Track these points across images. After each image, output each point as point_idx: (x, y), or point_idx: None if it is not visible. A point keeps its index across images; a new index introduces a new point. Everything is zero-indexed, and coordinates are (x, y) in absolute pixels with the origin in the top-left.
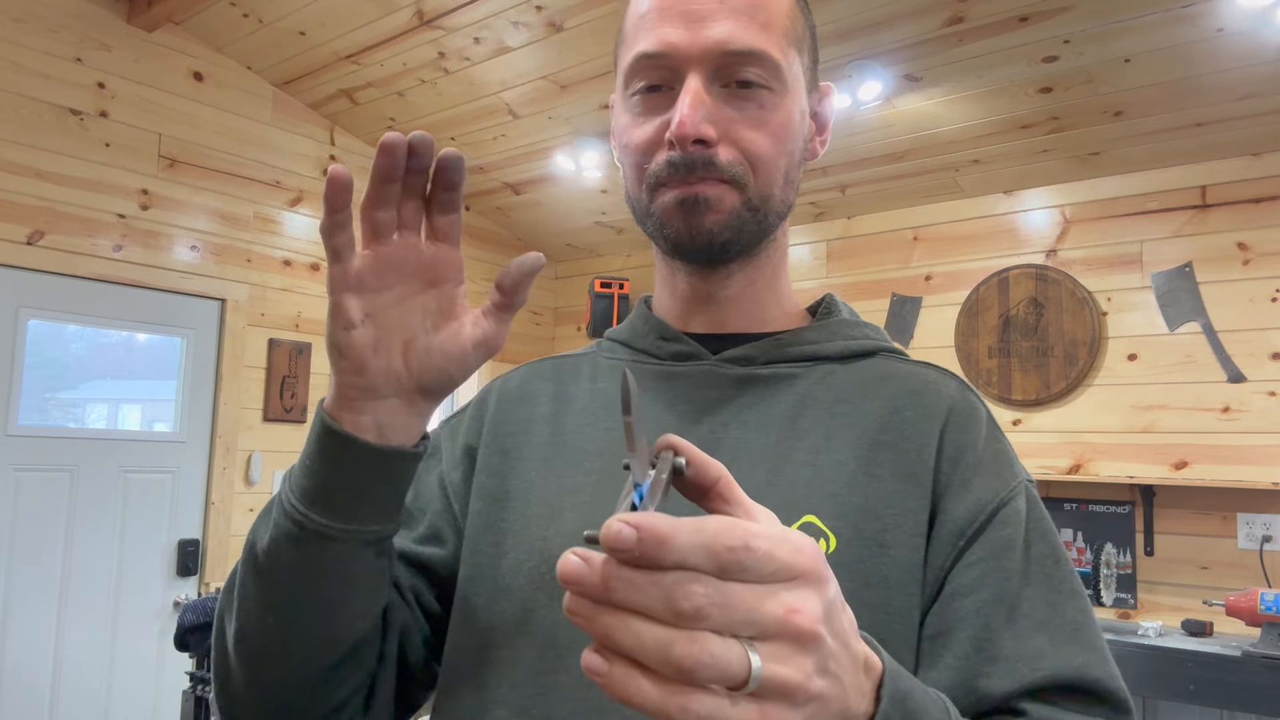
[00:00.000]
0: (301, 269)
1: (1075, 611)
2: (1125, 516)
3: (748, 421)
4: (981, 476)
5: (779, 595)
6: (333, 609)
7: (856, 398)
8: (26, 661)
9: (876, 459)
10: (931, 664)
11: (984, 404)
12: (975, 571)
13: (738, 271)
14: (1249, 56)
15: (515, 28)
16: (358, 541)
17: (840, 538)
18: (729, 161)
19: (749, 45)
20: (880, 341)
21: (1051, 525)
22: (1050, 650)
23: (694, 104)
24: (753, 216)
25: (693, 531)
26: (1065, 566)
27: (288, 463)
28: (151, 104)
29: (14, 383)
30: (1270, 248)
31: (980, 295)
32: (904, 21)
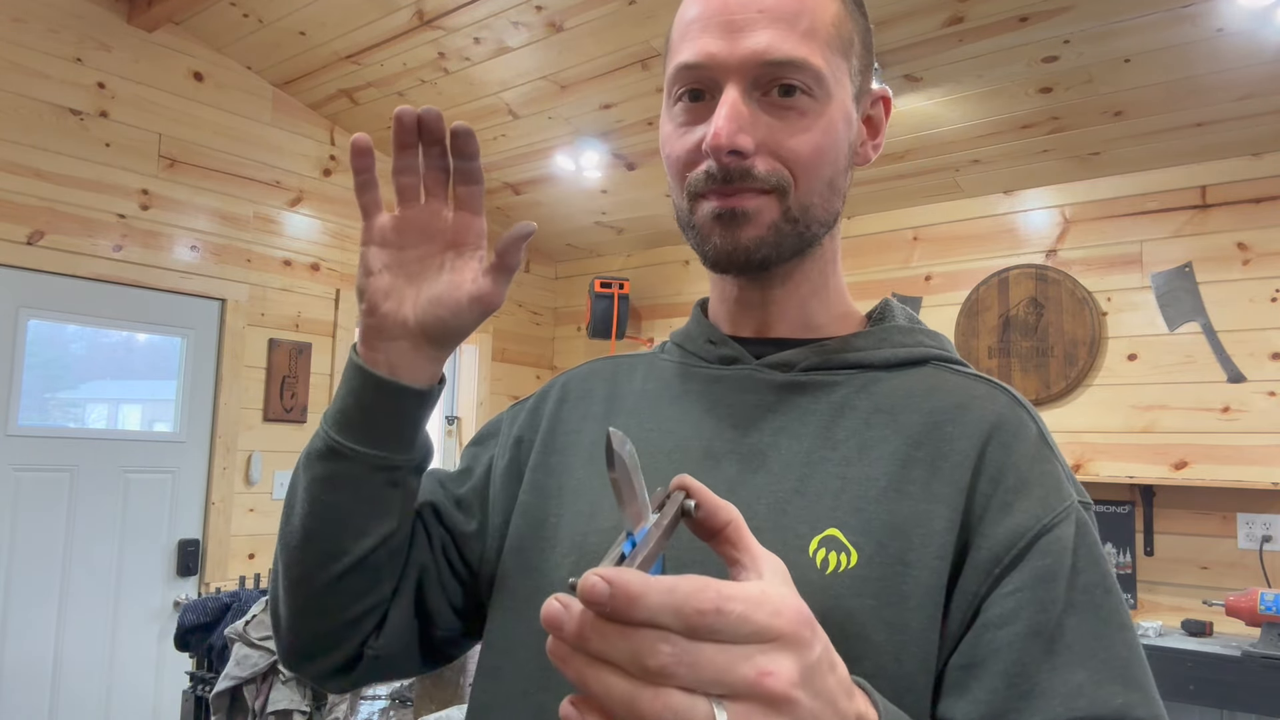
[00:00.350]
0: (302, 269)
1: (1122, 646)
2: (1125, 516)
3: (783, 428)
4: (1024, 499)
5: (753, 658)
6: (340, 521)
7: (897, 408)
8: (26, 661)
9: (909, 474)
10: (960, 695)
11: (1037, 421)
12: (1011, 602)
13: (782, 278)
14: (1249, 56)
15: (515, 28)
16: (366, 463)
17: (862, 553)
18: (768, 172)
19: (788, 55)
20: (933, 349)
21: (1103, 553)
22: (1090, 688)
23: (730, 115)
24: (792, 229)
25: (664, 592)
26: (1115, 598)
27: (288, 463)
28: (151, 104)
29: (14, 383)
30: (1270, 248)
31: (980, 295)
32: (904, 21)
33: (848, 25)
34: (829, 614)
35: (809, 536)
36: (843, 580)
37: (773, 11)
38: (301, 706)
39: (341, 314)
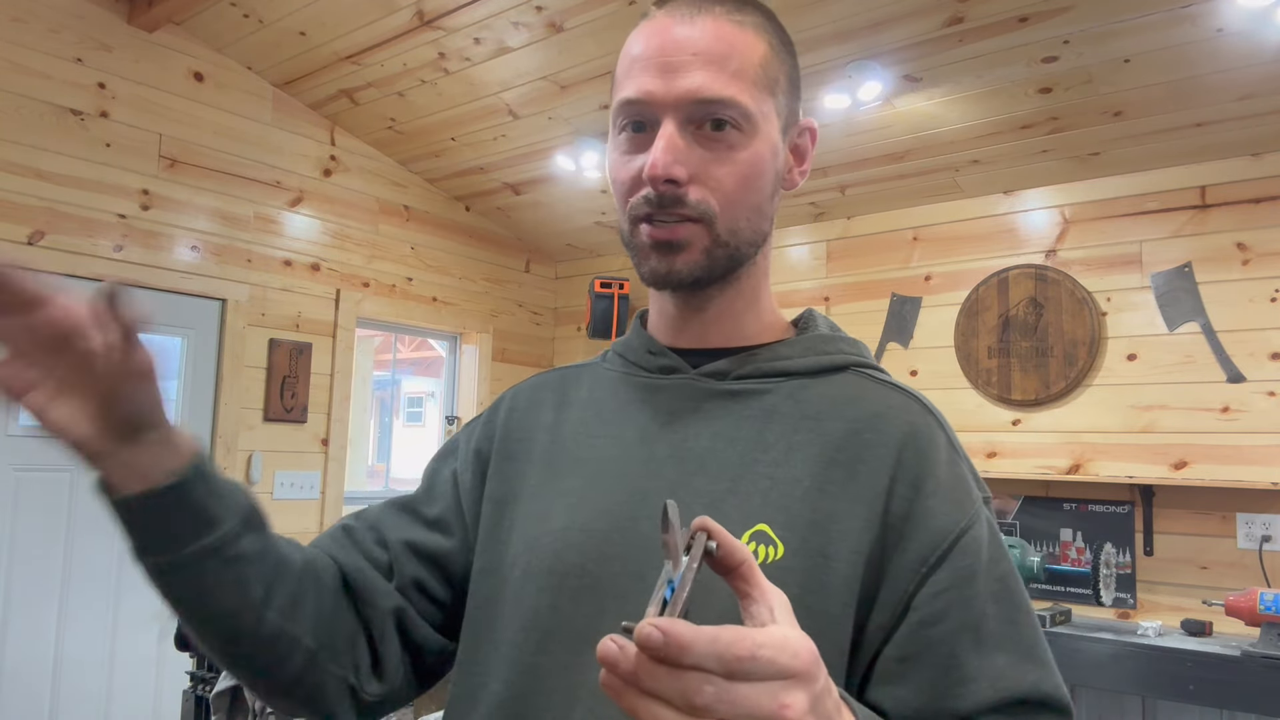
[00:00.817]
0: (302, 269)
1: (1028, 628)
2: (1125, 516)
3: (718, 433)
4: (943, 504)
5: (776, 694)
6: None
7: (821, 415)
8: (26, 661)
9: (830, 476)
10: (900, 683)
11: (945, 428)
12: (941, 602)
13: (716, 295)
14: (1249, 56)
15: (515, 28)
16: (184, 567)
17: (788, 547)
18: (698, 200)
19: (718, 94)
20: (852, 356)
21: (1003, 541)
22: (1010, 670)
23: (666, 148)
24: (723, 251)
25: (709, 641)
26: (1019, 581)
27: (288, 463)
28: (152, 104)
29: None
30: (1270, 248)
31: (980, 295)
32: (904, 21)
33: (774, 65)
34: None
35: (741, 532)
36: (770, 571)
37: (705, 55)
38: None
39: (341, 314)
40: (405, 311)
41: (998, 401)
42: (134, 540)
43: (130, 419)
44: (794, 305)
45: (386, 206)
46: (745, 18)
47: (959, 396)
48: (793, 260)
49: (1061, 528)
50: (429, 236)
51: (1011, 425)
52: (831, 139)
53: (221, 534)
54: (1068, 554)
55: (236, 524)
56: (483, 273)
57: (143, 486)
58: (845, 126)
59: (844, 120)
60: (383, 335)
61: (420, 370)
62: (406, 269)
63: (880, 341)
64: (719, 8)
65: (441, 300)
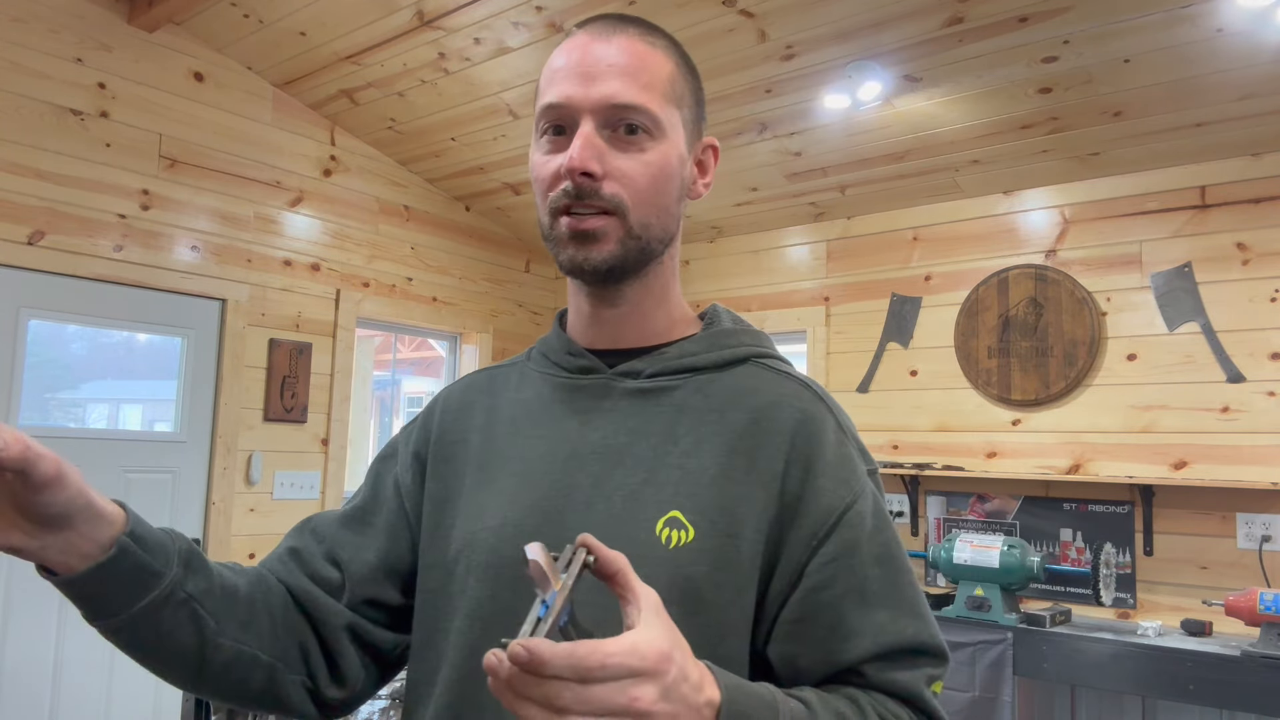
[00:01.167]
0: (302, 269)
1: (909, 587)
2: (1125, 516)
3: (634, 429)
4: (831, 482)
5: (626, 690)
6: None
7: (724, 407)
8: (26, 662)
9: (734, 464)
10: (796, 642)
11: (834, 412)
12: (830, 570)
13: (628, 291)
14: (1249, 56)
15: (515, 28)
16: (131, 621)
17: (698, 530)
18: (611, 193)
19: (630, 100)
20: (753, 348)
21: (887, 510)
22: (890, 624)
23: (584, 145)
24: (635, 244)
25: (565, 656)
26: (900, 546)
27: (288, 463)
28: (152, 104)
29: (14, 383)
30: (1270, 248)
31: (980, 295)
32: (904, 21)
33: (680, 83)
34: (674, 579)
35: (656, 518)
36: (683, 552)
37: (619, 67)
38: None
39: (341, 314)
40: (405, 311)
41: (998, 401)
42: (87, 609)
43: (51, 518)
44: (794, 305)
45: (386, 206)
46: (655, 39)
47: (959, 396)
48: (793, 260)
49: (1061, 528)
50: (429, 236)
51: (1011, 425)
52: (831, 139)
53: (167, 583)
54: (1068, 554)
55: (178, 570)
56: (483, 273)
57: (84, 564)
58: (845, 126)
59: (844, 120)
60: (383, 335)
61: (420, 370)
62: (406, 269)
63: (880, 341)
64: (632, 29)
65: (441, 300)
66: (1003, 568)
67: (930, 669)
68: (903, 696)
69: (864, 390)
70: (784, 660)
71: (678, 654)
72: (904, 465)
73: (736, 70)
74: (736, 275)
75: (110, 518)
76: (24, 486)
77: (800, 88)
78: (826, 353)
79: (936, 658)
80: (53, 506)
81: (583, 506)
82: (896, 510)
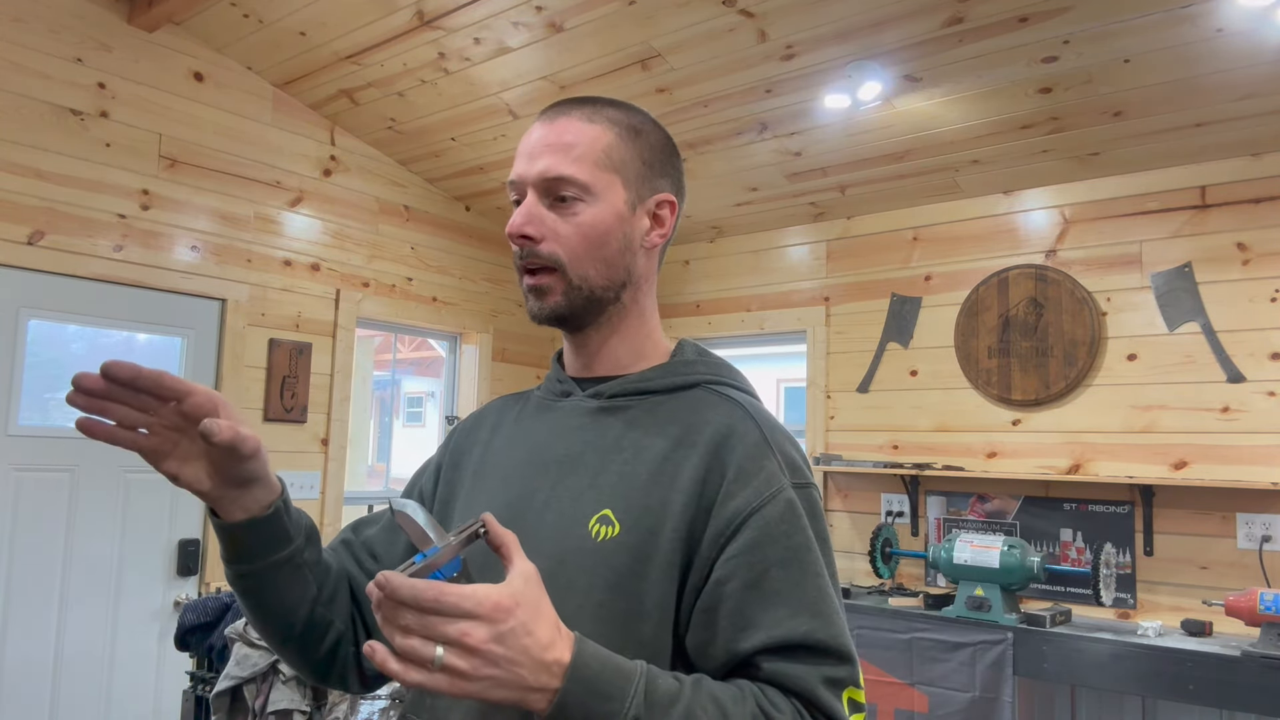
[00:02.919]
0: (302, 269)
1: (813, 589)
2: (1125, 516)
3: (588, 441)
4: (743, 488)
5: (458, 623)
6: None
7: (665, 423)
8: (26, 661)
9: (664, 470)
10: (703, 630)
11: (761, 428)
12: (732, 565)
13: (593, 334)
14: (1249, 56)
15: (515, 28)
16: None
17: (624, 526)
18: (549, 252)
19: (559, 172)
20: (706, 376)
21: (807, 524)
22: (787, 619)
23: (522, 213)
24: (578, 294)
25: (408, 589)
26: (815, 555)
27: (288, 463)
28: (152, 104)
29: (14, 383)
30: (1270, 248)
31: (980, 295)
32: (904, 21)
33: (621, 150)
34: (598, 568)
35: (590, 516)
36: (608, 546)
37: (554, 146)
38: (302, 706)
39: (341, 314)
40: (405, 311)
41: (998, 401)
42: (231, 552)
43: (238, 479)
44: (794, 305)
45: (386, 206)
46: (599, 116)
47: (959, 396)
48: (793, 260)
49: (1061, 528)
50: (429, 236)
51: (1011, 425)
52: (831, 139)
53: (293, 548)
54: (1068, 554)
55: (302, 540)
56: (483, 273)
57: (244, 516)
58: (845, 126)
59: (844, 120)
60: (383, 335)
61: (420, 370)
62: (406, 269)
63: (880, 341)
64: (577, 112)
65: (441, 300)
66: (1003, 568)
67: (828, 669)
68: (794, 691)
69: (864, 390)
70: (695, 649)
71: (521, 611)
72: (904, 465)
73: (736, 70)
74: (736, 275)
75: (273, 488)
76: (230, 457)
77: (800, 88)
78: (826, 353)
79: (838, 659)
80: (244, 473)
81: (540, 506)
82: (897, 510)
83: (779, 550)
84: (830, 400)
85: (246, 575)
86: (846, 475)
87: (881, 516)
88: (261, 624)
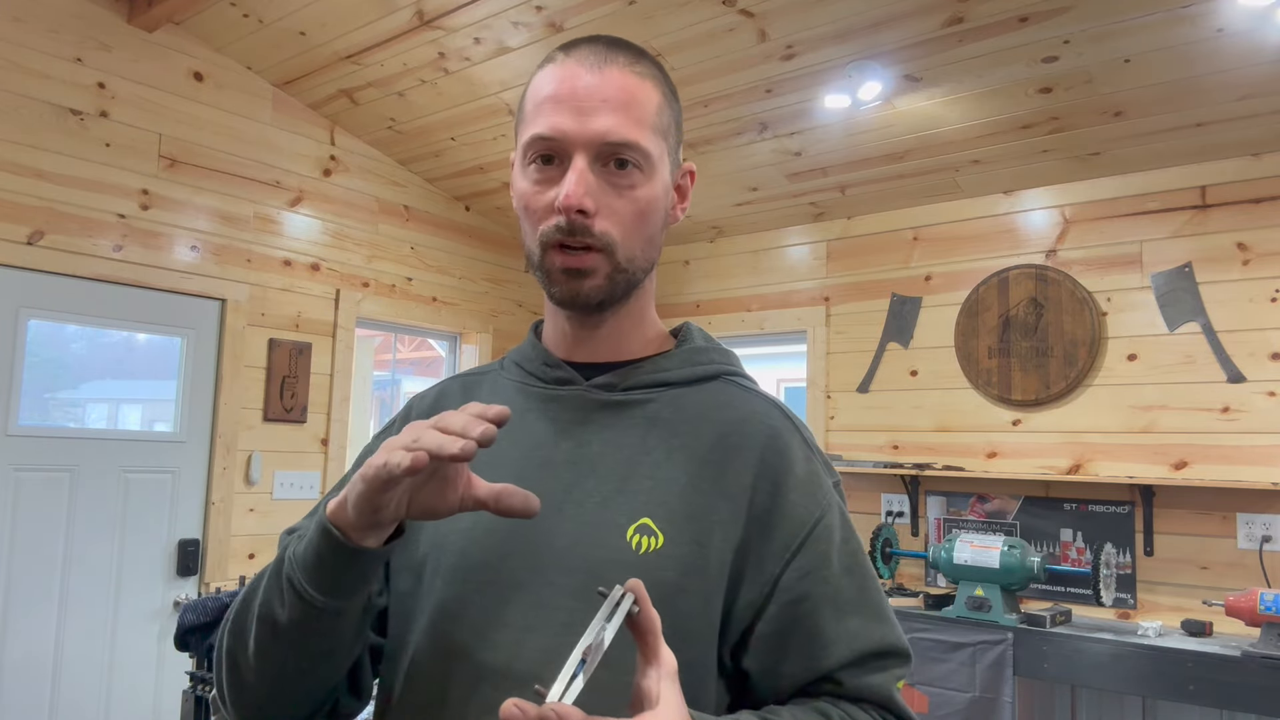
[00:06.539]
0: (302, 269)
1: (875, 593)
2: (1125, 516)
3: (607, 439)
4: (801, 497)
5: None
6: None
7: (695, 420)
8: (26, 661)
9: (703, 474)
10: (778, 653)
11: (800, 430)
12: (806, 583)
13: (610, 316)
14: (1249, 56)
15: (515, 28)
16: (354, 611)
17: (668, 537)
18: (602, 231)
19: (624, 137)
20: (723, 366)
21: (849, 519)
22: (862, 630)
23: (578, 181)
24: (622, 277)
25: None
26: (864, 554)
27: (288, 463)
28: (151, 104)
29: (14, 383)
30: (1270, 248)
31: (980, 295)
32: (904, 21)
33: (666, 113)
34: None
35: (627, 525)
36: (652, 558)
37: (613, 101)
38: None
39: (341, 314)
40: (405, 311)
41: (998, 401)
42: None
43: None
44: (794, 305)
45: (386, 206)
46: (643, 69)
47: (959, 396)
48: (793, 260)
49: (1062, 528)
50: (429, 236)
51: (1012, 425)
52: (831, 139)
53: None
54: (1068, 554)
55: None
56: (483, 273)
57: (375, 542)
58: (845, 126)
59: (844, 120)
60: (383, 335)
61: (420, 370)
62: (406, 269)
63: (880, 341)
64: (621, 58)
65: (441, 300)
66: (1003, 568)
67: (897, 669)
68: (876, 700)
69: (864, 390)
70: (763, 671)
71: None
72: (904, 465)
73: (736, 70)
74: (736, 275)
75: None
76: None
77: (800, 88)
78: (826, 353)
79: (902, 658)
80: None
81: (553, 511)
82: (897, 510)
83: (844, 559)
84: (830, 400)
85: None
86: (846, 475)
87: (881, 517)
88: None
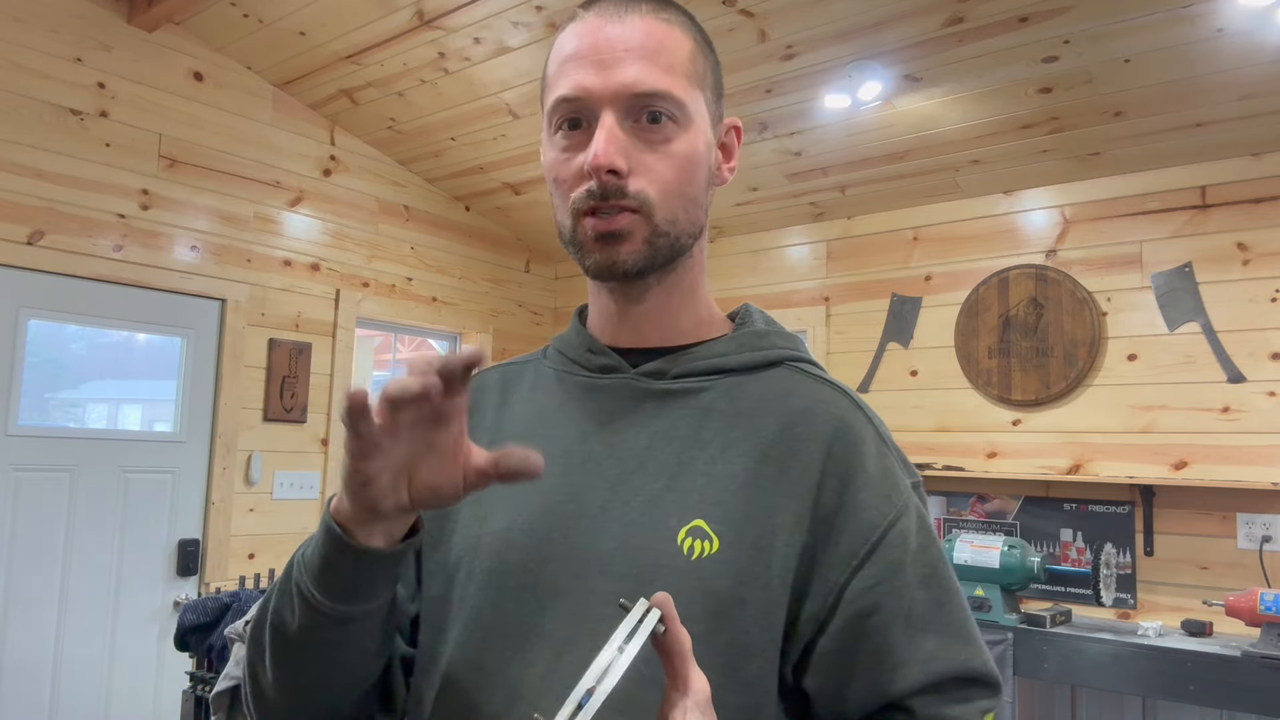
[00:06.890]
0: (301, 269)
1: (958, 609)
2: (1125, 516)
3: (656, 432)
4: (872, 497)
5: None
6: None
7: (755, 411)
8: (26, 661)
9: (763, 472)
10: (841, 673)
11: (874, 422)
12: (874, 594)
13: (655, 287)
14: (1249, 56)
15: (515, 28)
16: (374, 616)
17: (723, 540)
18: (637, 190)
19: (654, 86)
20: (787, 351)
21: (931, 526)
22: (940, 651)
23: (607, 139)
24: (663, 240)
25: None
26: (947, 565)
27: (287, 463)
28: (151, 104)
29: (14, 383)
30: (1270, 248)
31: (980, 295)
32: (904, 21)
33: (701, 61)
34: (696, 593)
35: (678, 528)
36: (706, 565)
37: (638, 50)
38: None
39: (341, 314)
40: (405, 311)
41: (998, 401)
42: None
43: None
44: (795, 306)
45: (386, 206)
46: (671, 16)
47: (959, 396)
48: (793, 260)
49: (1062, 528)
50: (429, 236)
51: (1011, 425)
52: (831, 139)
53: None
54: (1068, 554)
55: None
56: (483, 273)
57: (384, 542)
58: (845, 126)
59: (844, 120)
60: (383, 335)
61: None
62: (406, 269)
63: (880, 342)
64: (645, 6)
65: (441, 300)
66: (1003, 568)
67: (983, 700)
68: None
69: (864, 390)
70: (825, 694)
71: None
72: None
73: (736, 70)
74: (736, 275)
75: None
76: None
77: (800, 88)
78: (826, 353)
79: (989, 687)
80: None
81: (597, 511)
82: None
83: (920, 569)
84: None
85: (349, 619)
86: None
87: None
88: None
